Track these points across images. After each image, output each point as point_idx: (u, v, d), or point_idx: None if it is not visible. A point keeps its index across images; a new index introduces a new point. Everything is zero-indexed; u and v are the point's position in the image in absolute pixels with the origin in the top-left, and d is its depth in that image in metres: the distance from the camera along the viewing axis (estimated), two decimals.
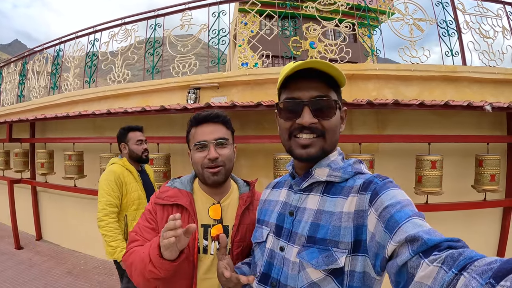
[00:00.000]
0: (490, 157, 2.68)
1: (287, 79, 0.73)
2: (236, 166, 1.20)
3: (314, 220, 0.70)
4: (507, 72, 3.23)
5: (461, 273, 0.38)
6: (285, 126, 0.75)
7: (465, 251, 0.42)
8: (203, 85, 3.32)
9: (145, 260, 0.84)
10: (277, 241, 0.77)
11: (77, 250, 4.09)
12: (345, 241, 0.64)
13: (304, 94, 0.71)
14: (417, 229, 0.50)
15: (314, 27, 3.53)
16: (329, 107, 0.72)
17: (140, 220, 1.04)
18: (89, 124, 3.97)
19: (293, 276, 0.69)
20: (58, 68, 4.60)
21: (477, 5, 3.62)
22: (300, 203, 0.76)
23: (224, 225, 1.02)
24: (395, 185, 0.66)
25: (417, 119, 3.04)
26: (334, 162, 0.75)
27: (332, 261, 0.64)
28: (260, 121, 3.15)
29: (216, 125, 1.02)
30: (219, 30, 3.55)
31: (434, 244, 0.46)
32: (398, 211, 0.56)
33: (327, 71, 0.69)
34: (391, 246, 0.53)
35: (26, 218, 4.57)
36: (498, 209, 3.04)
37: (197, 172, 1.03)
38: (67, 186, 3.78)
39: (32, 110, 4.74)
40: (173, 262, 0.81)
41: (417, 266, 0.46)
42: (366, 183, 0.67)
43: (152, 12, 3.88)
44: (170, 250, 0.78)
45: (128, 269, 0.94)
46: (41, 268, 3.58)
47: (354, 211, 0.65)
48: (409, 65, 3.28)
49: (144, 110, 2.89)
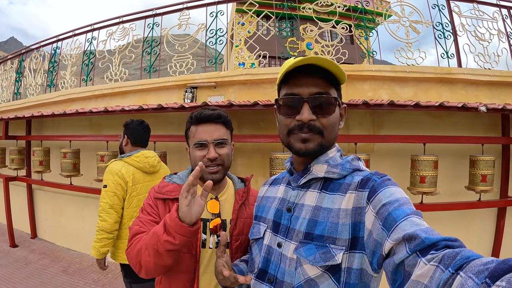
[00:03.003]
0: (483, 158, 2.70)
1: (287, 75, 0.73)
2: (233, 165, 1.21)
3: (312, 216, 0.70)
4: (502, 74, 3.26)
5: (457, 273, 0.38)
6: (285, 122, 0.75)
7: (462, 251, 0.42)
8: (200, 84, 3.33)
9: (159, 232, 0.83)
10: (274, 237, 0.77)
11: (72, 248, 4.07)
12: (343, 238, 0.64)
13: (304, 90, 0.71)
14: (414, 228, 0.51)
15: (311, 28, 3.54)
16: (328, 104, 0.71)
17: (141, 214, 1.03)
18: (86, 122, 3.96)
19: (290, 272, 0.69)
20: (55, 66, 4.58)
21: (473, 8, 3.65)
22: (298, 199, 0.76)
23: (222, 219, 1.05)
24: (393, 182, 0.66)
25: (412, 120, 3.06)
26: (333, 159, 0.75)
27: (329, 257, 0.64)
28: (257, 120, 3.16)
29: (217, 125, 1.04)
30: (217, 30, 3.56)
31: (432, 243, 0.47)
32: (396, 209, 0.57)
33: (327, 67, 0.69)
34: (388, 244, 0.53)
35: (21, 216, 4.55)
36: (493, 210, 3.06)
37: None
38: (63, 184, 3.76)
39: (28, 108, 4.72)
40: (190, 227, 0.81)
41: (414, 265, 0.46)
42: (364, 180, 0.67)
43: (150, 11, 3.88)
44: (189, 207, 0.80)
45: (134, 259, 0.91)
46: (36, 266, 3.56)
47: (352, 208, 0.65)
48: (405, 66, 3.31)
49: (142, 108, 2.89)
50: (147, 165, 1.96)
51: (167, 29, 3.71)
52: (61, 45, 4.50)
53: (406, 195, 0.62)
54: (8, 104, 5.16)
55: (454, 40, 3.52)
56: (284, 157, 2.62)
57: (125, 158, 1.94)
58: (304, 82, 0.71)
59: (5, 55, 5.71)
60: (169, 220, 0.82)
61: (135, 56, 3.91)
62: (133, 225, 1.01)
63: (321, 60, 0.68)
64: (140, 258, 0.89)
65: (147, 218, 1.00)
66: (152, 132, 2.19)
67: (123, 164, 1.91)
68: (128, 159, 1.93)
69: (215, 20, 3.57)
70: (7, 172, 4.56)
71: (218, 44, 3.54)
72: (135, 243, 0.93)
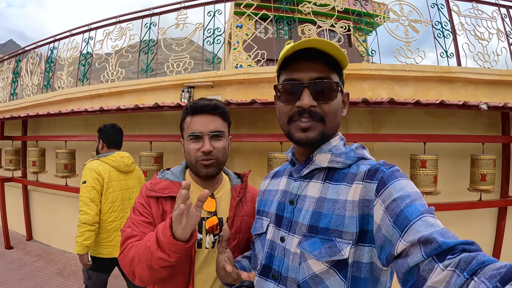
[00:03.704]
0: (483, 157, 2.67)
1: (286, 60, 0.69)
2: (230, 165, 1.17)
3: (316, 208, 0.67)
4: (502, 73, 3.24)
5: (472, 278, 0.38)
6: (284, 109, 0.71)
7: (478, 255, 0.41)
8: (197, 84, 3.29)
9: (152, 247, 0.78)
10: (277, 231, 0.74)
11: (67, 250, 4.01)
12: (350, 232, 0.61)
13: (304, 75, 0.67)
14: (430, 229, 0.48)
15: (309, 28, 3.52)
16: (330, 89, 0.68)
17: (133, 215, 0.97)
18: (81, 122, 3.93)
19: (294, 267, 0.66)
20: (52, 66, 4.55)
21: (472, 7, 3.64)
22: (300, 191, 0.72)
23: (218, 217, 0.99)
24: (403, 174, 0.62)
25: (412, 120, 3.03)
26: (336, 147, 0.72)
27: (335, 252, 0.60)
28: (255, 120, 3.13)
29: (213, 116, 0.98)
30: (214, 29, 3.53)
31: (449, 247, 0.45)
32: (408, 206, 0.54)
33: (327, 50, 0.66)
34: (401, 245, 0.50)
35: (17, 218, 4.49)
36: (494, 210, 3.02)
37: (189, 163, 1.00)
38: (58, 185, 3.72)
39: (25, 108, 4.68)
40: (185, 244, 0.75)
41: (430, 270, 0.44)
42: (372, 170, 0.64)
43: (147, 11, 3.86)
44: (184, 225, 0.72)
45: (127, 267, 0.87)
46: (31, 268, 3.52)
47: (358, 200, 0.62)
48: (404, 65, 3.28)
49: (138, 107, 2.85)
50: (122, 164, 2.14)
51: (164, 29, 3.69)
52: (58, 45, 4.47)
53: (417, 189, 0.59)
54: (4, 104, 5.13)
55: (454, 39, 3.50)
56: (282, 156, 2.58)
57: (101, 158, 2.12)
58: (304, 67, 0.68)
59: (2, 57, 5.68)
60: (163, 237, 0.76)
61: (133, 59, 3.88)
62: (125, 227, 0.96)
63: (320, 43, 0.64)
64: (133, 268, 0.84)
65: (139, 219, 0.95)
66: (148, 132, 2.21)
67: (100, 162, 2.10)
68: (105, 159, 2.12)
69: (213, 19, 3.55)
70: (3, 173, 4.51)
71: (216, 44, 3.51)
72: (128, 250, 0.88)
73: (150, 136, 3.06)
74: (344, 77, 0.75)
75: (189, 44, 3.72)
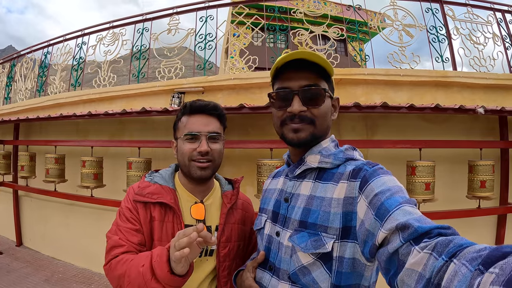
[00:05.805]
0: (481, 163, 2.59)
1: (279, 71, 0.77)
2: (220, 173, 1.13)
3: (306, 205, 0.72)
4: (499, 77, 3.18)
5: (451, 260, 0.39)
6: (277, 115, 0.79)
7: (455, 238, 0.42)
8: (188, 90, 3.25)
9: (146, 276, 0.74)
10: (273, 226, 0.80)
11: (56, 257, 3.94)
12: (334, 227, 0.65)
13: (294, 84, 0.75)
14: (407, 217, 0.51)
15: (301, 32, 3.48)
16: (318, 95, 0.75)
17: (119, 221, 0.91)
18: (72, 127, 3.88)
19: (286, 260, 0.72)
20: (45, 71, 4.54)
21: (467, 11, 3.60)
22: (294, 189, 0.79)
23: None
24: (386, 171, 0.67)
25: (407, 125, 2.96)
26: (326, 149, 0.78)
27: (320, 245, 0.65)
28: (245, 126, 3.06)
29: (211, 117, 0.97)
30: (206, 34, 3.50)
31: (425, 231, 0.47)
32: (388, 198, 0.57)
33: (314, 60, 0.73)
34: (381, 233, 0.53)
35: (6, 223, 4.43)
36: (493, 217, 2.92)
37: (182, 164, 0.96)
38: (48, 191, 3.66)
39: (17, 112, 4.66)
40: (183, 277, 0.74)
41: (408, 253, 0.46)
42: (356, 170, 0.68)
43: (140, 16, 3.85)
44: (183, 263, 0.70)
45: (115, 282, 0.82)
46: (19, 274, 3.46)
47: (343, 198, 0.66)
48: (398, 70, 3.22)
49: (125, 112, 2.82)
50: None
51: (156, 34, 3.66)
52: (52, 50, 4.46)
53: (399, 184, 0.63)
54: None
55: (449, 43, 3.45)
56: (272, 163, 2.51)
57: None
58: (294, 76, 0.75)
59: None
60: (160, 271, 0.72)
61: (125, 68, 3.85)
62: (111, 233, 0.90)
63: (307, 54, 0.71)
64: (122, 285, 0.80)
65: (125, 227, 0.89)
66: (137, 138, 2.12)
67: None
68: None
69: (205, 25, 3.52)
70: None
71: (207, 49, 3.47)
72: (116, 264, 0.83)
73: (139, 142, 3.01)
74: (333, 84, 0.82)
75: (182, 49, 3.69)
